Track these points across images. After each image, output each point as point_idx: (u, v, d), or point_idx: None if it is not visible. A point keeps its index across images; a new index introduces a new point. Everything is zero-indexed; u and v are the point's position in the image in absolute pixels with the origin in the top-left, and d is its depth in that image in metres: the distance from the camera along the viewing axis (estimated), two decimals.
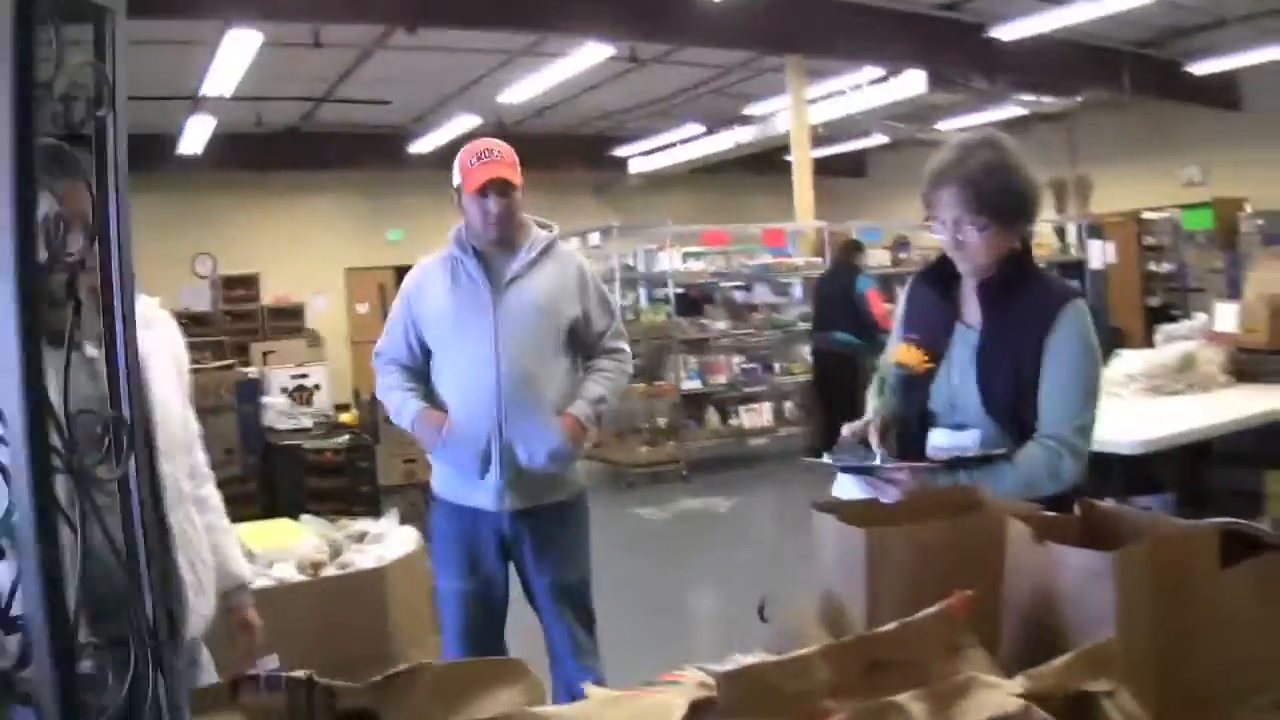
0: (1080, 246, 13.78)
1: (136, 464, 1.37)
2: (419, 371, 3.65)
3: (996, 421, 2.56)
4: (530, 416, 3.48)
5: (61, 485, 1.17)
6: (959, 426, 2.60)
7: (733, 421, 11.51)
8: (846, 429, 2.72)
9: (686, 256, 12.54)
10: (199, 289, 16.80)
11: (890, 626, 1.23)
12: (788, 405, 11.84)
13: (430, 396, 3.62)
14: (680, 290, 11.61)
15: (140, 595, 1.32)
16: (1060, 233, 14.20)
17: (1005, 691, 1.06)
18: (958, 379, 2.64)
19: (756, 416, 11.62)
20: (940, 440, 2.60)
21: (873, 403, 2.85)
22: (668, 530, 8.96)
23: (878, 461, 2.55)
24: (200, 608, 2.40)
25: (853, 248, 10.83)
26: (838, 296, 10.28)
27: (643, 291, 12.70)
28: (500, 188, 3.49)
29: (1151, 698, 1.22)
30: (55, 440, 1.17)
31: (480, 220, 3.52)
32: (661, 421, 11.19)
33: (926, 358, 2.68)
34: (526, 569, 3.62)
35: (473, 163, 3.52)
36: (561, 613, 3.62)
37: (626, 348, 3.81)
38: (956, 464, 2.46)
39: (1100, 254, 13.60)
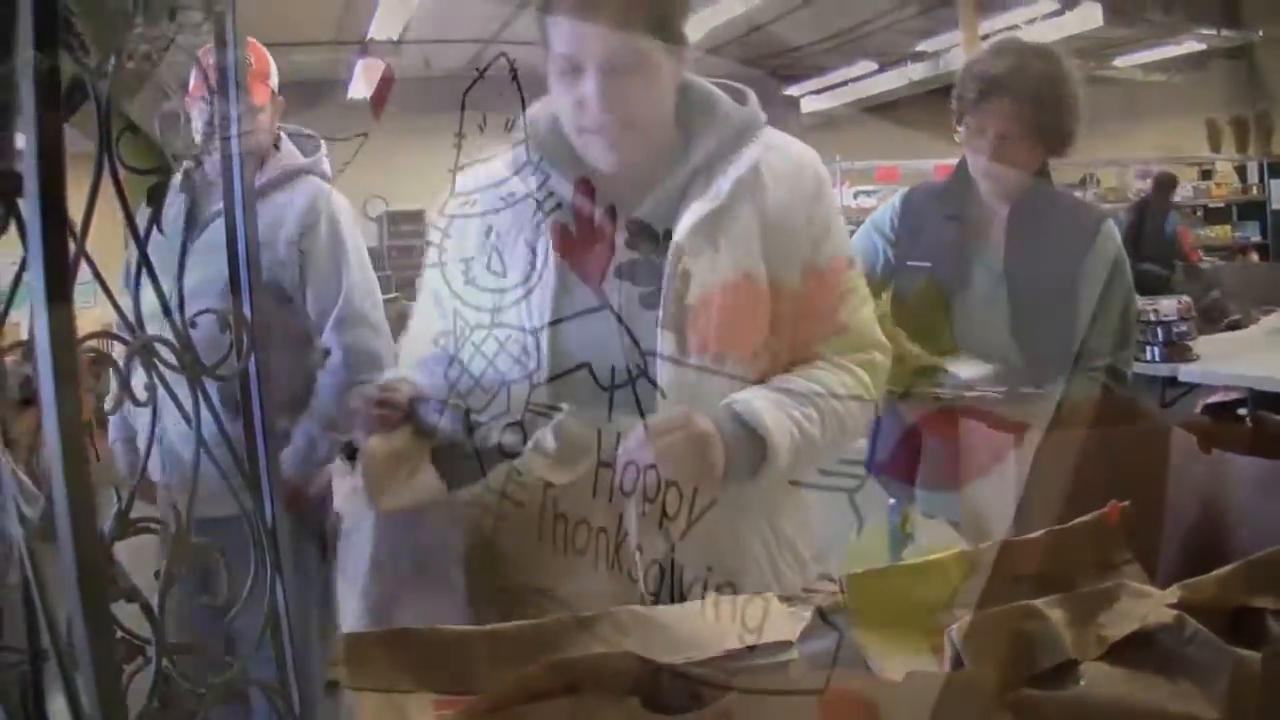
0: (1261, 186, 13.11)
1: (256, 363, 1.34)
2: None
3: (1026, 349, 2.31)
4: None
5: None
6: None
7: None
8: None
9: (858, 194, 12.28)
10: (367, 229, 17.07)
11: (1035, 535, 1.12)
12: None
13: None
14: (853, 227, 11.37)
15: (259, 495, 1.29)
16: (1241, 172, 13.53)
17: (1156, 601, 0.94)
18: (978, 306, 2.39)
19: None
20: (962, 370, 2.32)
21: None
22: None
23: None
24: None
25: (1167, 184, 10.25)
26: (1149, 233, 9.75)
27: None
28: None
29: None
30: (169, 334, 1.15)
31: None
32: None
33: None
34: None
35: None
36: None
37: None
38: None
39: None
